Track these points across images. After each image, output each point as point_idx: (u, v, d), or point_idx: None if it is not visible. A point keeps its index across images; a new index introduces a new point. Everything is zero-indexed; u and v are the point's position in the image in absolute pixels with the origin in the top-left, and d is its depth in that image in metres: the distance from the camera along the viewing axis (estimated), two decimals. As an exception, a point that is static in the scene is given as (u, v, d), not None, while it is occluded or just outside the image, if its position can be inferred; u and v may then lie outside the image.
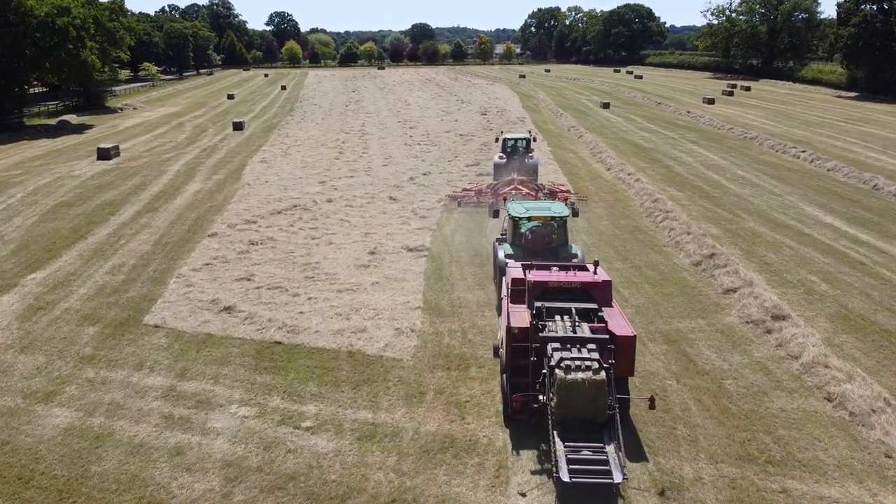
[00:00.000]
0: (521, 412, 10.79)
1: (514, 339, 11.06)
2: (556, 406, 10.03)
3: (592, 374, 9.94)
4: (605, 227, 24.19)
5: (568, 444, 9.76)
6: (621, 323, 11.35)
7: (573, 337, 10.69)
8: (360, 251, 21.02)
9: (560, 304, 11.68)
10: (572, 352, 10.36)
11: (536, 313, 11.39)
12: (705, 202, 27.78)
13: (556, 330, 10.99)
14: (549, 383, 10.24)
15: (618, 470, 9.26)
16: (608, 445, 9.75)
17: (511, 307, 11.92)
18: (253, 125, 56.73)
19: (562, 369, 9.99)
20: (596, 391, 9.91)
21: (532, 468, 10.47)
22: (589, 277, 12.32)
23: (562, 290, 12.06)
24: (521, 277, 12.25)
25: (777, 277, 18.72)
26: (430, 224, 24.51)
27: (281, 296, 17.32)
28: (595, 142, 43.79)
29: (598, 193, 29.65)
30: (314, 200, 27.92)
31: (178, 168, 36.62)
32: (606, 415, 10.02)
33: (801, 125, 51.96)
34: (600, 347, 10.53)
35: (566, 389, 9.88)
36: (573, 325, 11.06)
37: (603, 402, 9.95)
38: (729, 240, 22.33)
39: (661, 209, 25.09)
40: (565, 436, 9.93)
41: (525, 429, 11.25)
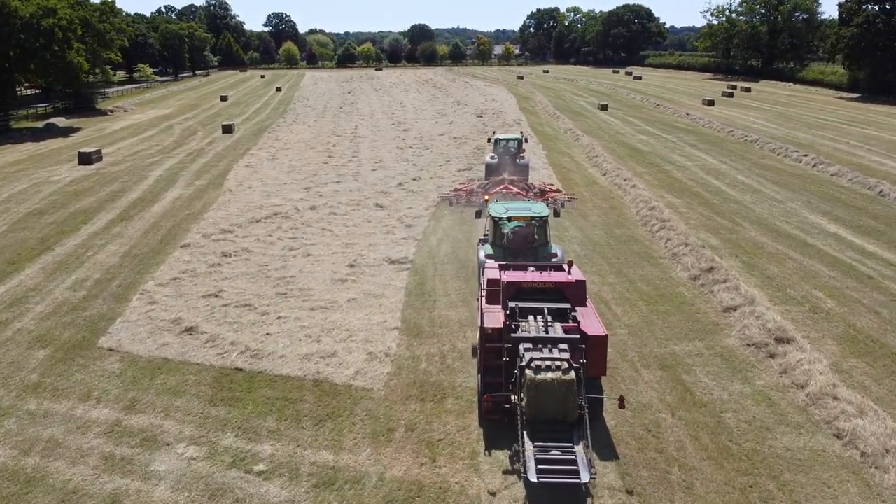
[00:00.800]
0: (493, 412, 10.81)
1: (488, 340, 11.09)
2: (526, 406, 10.05)
3: (562, 374, 9.96)
4: (599, 236, 23.04)
5: (538, 444, 9.76)
6: (593, 322, 11.40)
7: (544, 337, 10.70)
8: (339, 264, 19.87)
9: (534, 304, 11.74)
10: (543, 352, 10.37)
11: (510, 313, 11.46)
12: (704, 209, 26.63)
13: (528, 330, 11.00)
14: (519, 383, 10.27)
15: (585, 470, 9.26)
16: (577, 445, 9.74)
17: (486, 307, 11.90)
18: (243, 128, 55.61)
19: (532, 369, 10.03)
20: (565, 391, 9.92)
21: (503, 468, 10.40)
22: (562, 278, 12.40)
23: (536, 291, 12.17)
24: (496, 278, 12.25)
25: (780, 293, 17.56)
26: (416, 233, 23.37)
27: (248, 314, 16.17)
28: (591, 145, 42.65)
29: (593, 200, 28.50)
30: (297, 208, 26.78)
31: (160, 173, 35.48)
32: (576, 415, 10.04)
33: (802, 127, 50.82)
34: (572, 347, 10.56)
35: (535, 389, 9.93)
36: (545, 325, 11.08)
37: (572, 401, 9.98)
38: (729, 251, 21.18)
39: (657, 217, 23.95)
40: (535, 436, 9.92)
41: (498, 429, 11.12)
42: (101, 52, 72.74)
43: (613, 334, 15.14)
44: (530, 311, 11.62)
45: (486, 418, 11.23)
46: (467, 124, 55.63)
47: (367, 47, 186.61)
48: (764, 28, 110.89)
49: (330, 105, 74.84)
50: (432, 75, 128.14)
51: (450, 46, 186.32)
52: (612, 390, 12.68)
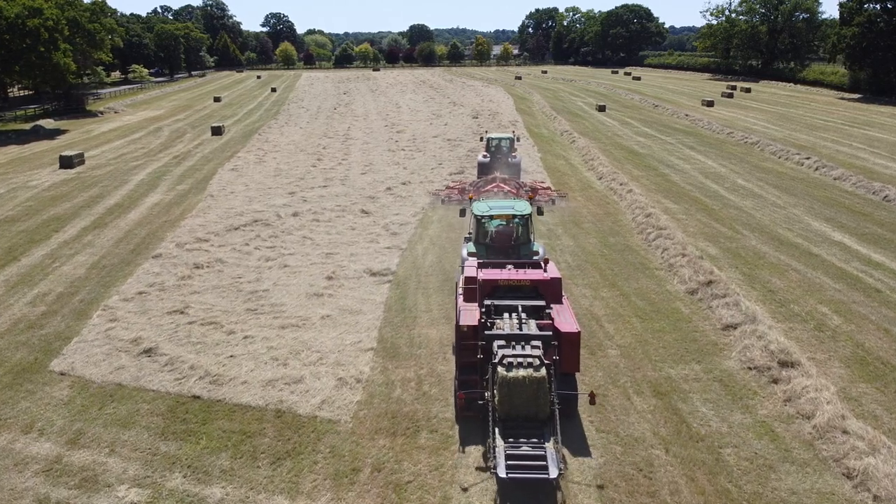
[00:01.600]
0: (467, 409, 10.78)
1: (463, 337, 11.16)
2: (498, 403, 10.08)
3: (533, 371, 9.97)
4: (593, 245, 21.97)
5: (509, 440, 9.84)
6: (568, 319, 11.45)
7: (517, 334, 10.69)
8: (316, 276, 18.80)
9: (510, 301, 11.79)
10: (516, 349, 10.38)
11: (485, 311, 11.50)
12: (703, 216, 25.57)
13: (503, 327, 11.03)
14: (491, 380, 10.28)
15: (554, 466, 9.37)
16: (547, 442, 9.81)
17: (463, 305, 12.00)
18: (233, 129, 54.55)
19: (503, 366, 10.04)
20: (536, 388, 9.95)
21: (477, 465, 10.41)
22: (538, 275, 12.40)
23: (512, 288, 12.22)
24: (473, 276, 12.32)
25: (783, 309, 16.50)
26: (401, 242, 22.30)
27: (214, 333, 15.11)
28: (588, 147, 41.60)
29: (587, 206, 27.44)
30: (278, 214, 25.71)
31: (142, 177, 34.42)
32: (548, 411, 10.08)
33: (803, 129, 49.76)
34: (545, 344, 10.59)
35: (507, 386, 9.96)
36: (519, 322, 11.13)
37: (544, 398, 10.02)
38: (728, 261, 20.12)
39: (654, 225, 22.88)
40: (508, 432, 9.99)
41: (474, 426, 11.11)
42: (92, 52, 71.74)
43: (604, 356, 14.09)
44: (506, 309, 11.63)
45: (462, 415, 11.22)
46: (462, 126, 54.58)
47: (364, 47, 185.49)
48: (764, 28, 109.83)
49: (324, 106, 73.80)
50: (429, 76, 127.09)
51: (448, 47, 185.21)
52: (603, 421, 11.64)
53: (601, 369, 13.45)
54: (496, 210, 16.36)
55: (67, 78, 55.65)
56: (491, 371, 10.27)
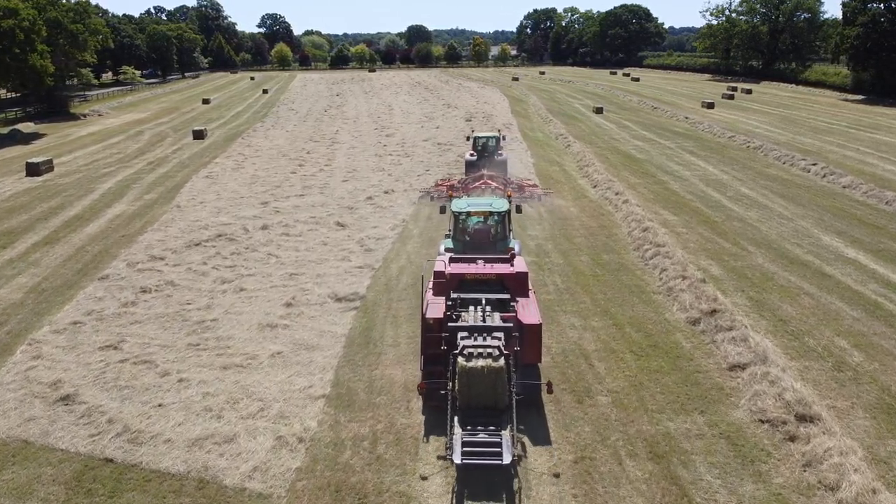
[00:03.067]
0: (430, 399, 11.10)
1: (428, 329, 11.36)
2: (458, 392, 10.30)
3: (492, 362, 10.16)
4: (585, 263, 20.06)
5: (468, 428, 10.01)
6: (531, 312, 11.77)
7: (479, 326, 10.97)
8: (274, 302, 16.89)
9: (476, 294, 12.07)
10: (478, 340, 10.58)
11: (451, 304, 11.71)
12: (705, 229, 23.67)
13: (467, 320, 11.29)
14: (452, 371, 10.41)
15: (508, 452, 9.60)
16: (504, 430, 9.99)
17: (431, 299, 12.12)
18: (217, 133, 52.66)
19: (464, 357, 10.25)
20: (495, 378, 10.15)
21: (438, 453, 10.42)
22: (504, 269, 12.72)
23: (479, 282, 12.55)
24: (441, 270, 12.56)
25: (797, 343, 14.59)
26: (376, 260, 20.39)
27: (146, 375, 13.19)
28: (583, 152, 39.70)
29: (580, 218, 25.54)
30: (245, 228, 23.80)
31: (110, 185, 32.51)
32: (506, 401, 10.26)
33: (808, 132, 47.88)
34: (507, 335, 10.85)
35: (466, 376, 10.17)
36: (483, 314, 11.43)
37: (502, 388, 10.23)
38: (734, 283, 18.21)
39: (651, 241, 20.97)
40: (468, 421, 10.15)
41: (438, 416, 11.06)
42: (76, 54, 69.86)
43: (593, 404, 12.18)
44: (471, 302, 11.89)
45: (429, 405, 11.44)
46: (454, 129, 52.71)
47: (360, 48, 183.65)
48: (765, 28, 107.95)
49: (314, 108, 71.94)
50: (426, 77, 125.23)
51: (445, 47, 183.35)
52: (588, 494, 9.73)
53: (589, 422, 11.55)
54: (474, 207, 16.63)
55: (45, 80, 53.70)
56: (452, 361, 10.41)
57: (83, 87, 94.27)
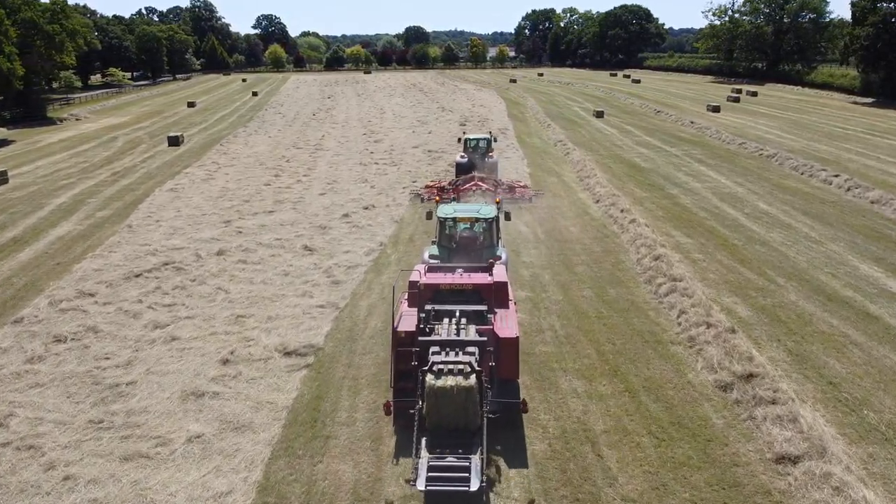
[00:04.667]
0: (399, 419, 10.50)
1: (400, 343, 10.70)
2: (426, 413, 9.67)
3: (462, 380, 9.51)
4: (588, 301, 17.07)
5: (436, 451, 9.40)
6: (509, 325, 11.17)
7: (451, 340, 10.33)
8: (209, 357, 13.88)
9: (451, 306, 11.46)
10: (449, 355, 9.92)
11: (425, 316, 11.03)
12: (724, 255, 20.69)
13: (441, 333, 10.68)
14: (421, 389, 9.76)
15: (477, 478, 8.99)
16: (474, 454, 9.34)
17: (405, 310, 11.60)
18: (195, 139, 49.65)
19: (433, 374, 9.62)
20: (465, 397, 9.50)
21: (406, 477, 9.59)
22: (481, 279, 12.07)
23: (456, 293, 11.87)
24: (415, 280, 11.90)
25: (854, 418, 11.59)
26: (342, 296, 17.40)
27: (27, 467, 10.14)
28: (584, 161, 36.73)
29: (582, 239, 22.56)
30: (198, 254, 20.78)
31: (63, 201, 29.49)
32: (478, 422, 9.62)
33: (822, 138, 44.94)
34: (481, 350, 10.19)
35: (434, 396, 9.52)
36: (457, 327, 10.84)
37: (473, 409, 9.58)
38: (766, 329, 15.23)
39: (665, 273, 17.96)
40: (436, 443, 9.54)
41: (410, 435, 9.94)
42: (54, 55, 66.87)
43: (602, 518, 9.19)
44: (446, 314, 11.29)
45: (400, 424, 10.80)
46: (447, 135, 49.76)
47: (356, 49, 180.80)
48: (769, 28, 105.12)
49: (303, 112, 68.98)
50: (421, 79, 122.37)
51: (442, 49, 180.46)
52: None
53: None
54: (461, 213, 16.07)
55: (14, 83, 50.63)
56: (420, 379, 9.84)
57: (66, 89, 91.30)
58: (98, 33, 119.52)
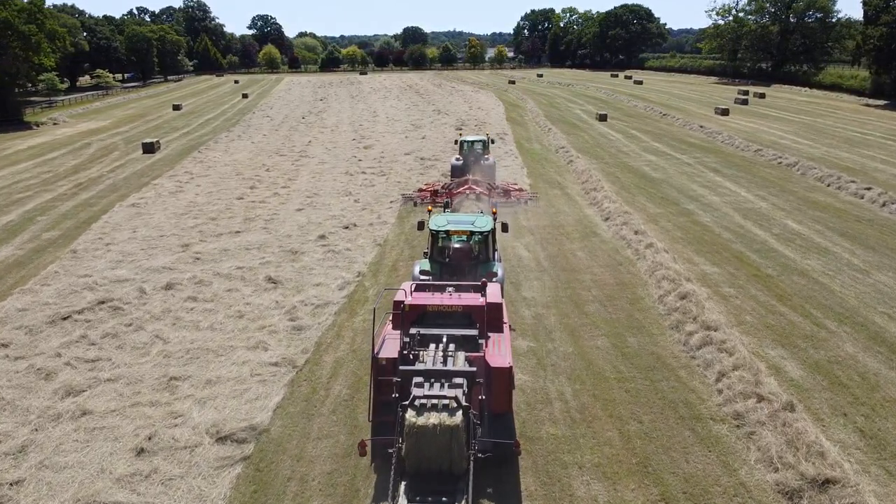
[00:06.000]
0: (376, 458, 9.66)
1: (380, 371, 9.70)
2: (405, 454, 8.67)
3: (447, 417, 8.51)
4: (603, 354, 14.04)
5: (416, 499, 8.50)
6: (501, 352, 10.16)
7: (435, 370, 9.29)
8: (122, 443, 10.82)
9: (438, 329, 10.41)
10: (434, 388, 8.97)
11: (409, 340, 10.06)
12: (759, 289, 17.67)
13: (426, 360, 9.68)
14: (399, 426, 8.77)
15: None
16: (459, 502, 8.42)
17: (388, 333, 10.69)
18: (173, 145, 46.60)
19: (414, 409, 8.61)
20: (449, 437, 8.50)
21: None
22: (471, 301, 11.00)
23: (444, 314, 10.82)
24: (401, 300, 10.92)
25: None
26: (304, 348, 14.34)
27: None
28: (589, 170, 33.74)
29: (592, 268, 19.53)
30: (142, 289, 17.72)
31: (11, 218, 26.41)
32: (464, 465, 8.65)
33: (841, 144, 41.97)
34: (470, 382, 9.19)
35: (415, 435, 8.51)
36: (444, 354, 9.83)
37: (458, 450, 8.61)
38: (828, 397, 12.19)
39: (695, 317, 14.92)
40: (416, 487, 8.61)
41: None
42: (32, 57, 63.73)
43: None
44: (433, 339, 10.23)
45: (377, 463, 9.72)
46: (442, 140, 46.80)
47: (352, 50, 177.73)
48: (775, 28, 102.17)
49: (292, 115, 65.96)
50: (418, 80, 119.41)
51: (440, 49, 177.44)
52: None
53: None
54: (454, 225, 15.16)
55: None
56: (400, 414, 8.71)
57: (49, 92, 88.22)
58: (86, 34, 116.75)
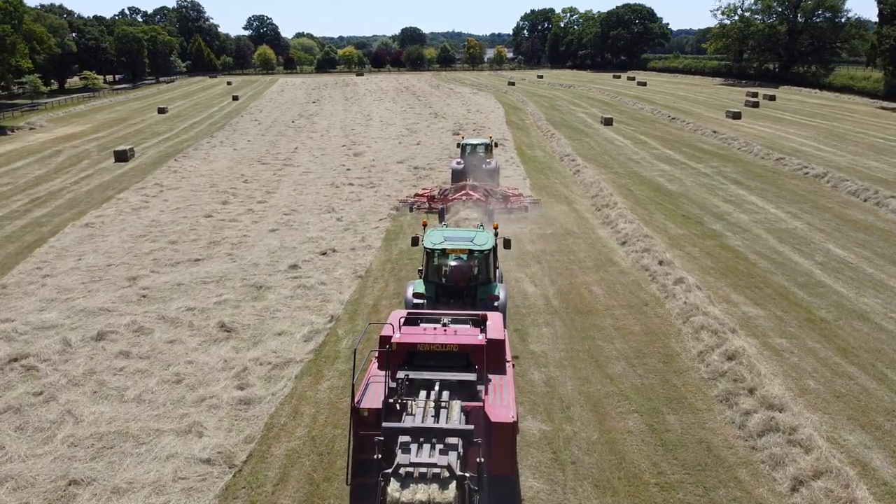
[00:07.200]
0: None
1: (362, 425, 8.15)
2: None
3: (438, 491, 6.85)
4: (637, 443, 10.86)
5: None
6: (503, 401, 8.65)
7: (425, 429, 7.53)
8: None
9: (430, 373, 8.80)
10: (423, 451, 7.28)
11: (396, 386, 8.48)
12: (816, 340, 14.51)
13: (414, 413, 7.98)
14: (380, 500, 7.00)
15: None
16: None
17: (372, 376, 9.12)
18: (149, 152, 43.44)
19: (398, 479, 6.94)
20: None
21: None
22: (470, 339, 9.21)
23: (437, 354, 9.15)
24: (388, 335, 9.36)
25: None
26: (248, 434, 11.11)
27: None
28: (598, 182, 30.64)
29: (612, 310, 16.38)
30: (68, 341, 14.55)
31: (-55, 240, 23.33)
32: None
33: (867, 152, 38.90)
34: (466, 442, 7.52)
35: None
36: (437, 405, 8.10)
37: None
38: (942, 512, 9.11)
39: (751, 390, 11.73)
40: None
41: None
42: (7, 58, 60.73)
43: None
44: (424, 384, 8.63)
45: None
46: (438, 146, 43.71)
47: (348, 51, 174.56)
48: (783, 28, 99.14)
49: (282, 118, 62.84)
50: (415, 81, 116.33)
51: (438, 50, 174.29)
52: None
53: None
54: (451, 243, 13.79)
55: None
56: (381, 486, 6.95)
57: (32, 95, 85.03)
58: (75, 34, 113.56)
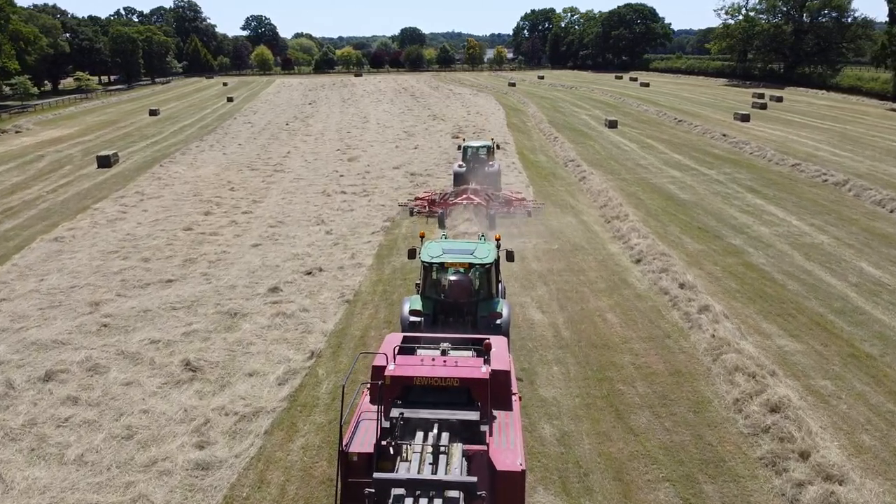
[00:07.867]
0: None
1: (351, 471, 7.17)
2: None
3: None
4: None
5: None
6: (510, 444, 7.46)
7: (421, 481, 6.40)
8: None
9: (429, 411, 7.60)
10: None
11: (390, 426, 7.46)
12: (864, 382, 12.65)
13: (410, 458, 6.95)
14: None
15: None
16: None
17: (364, 413, 7.95)
18: (135, 157, 41.60)
19: None
20: None
21: None
22: (472, 371, 7.93)
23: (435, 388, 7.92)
24: (382, 366, 8.10)
25: None
26: None
27: None
28: (606, 190, 28.80)
29: (630, 343, 14.51)
30: (10, 382, 12.65)
31: None
32: None
33: (885, 157, 37.07)
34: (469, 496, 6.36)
35: None
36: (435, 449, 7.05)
37: None
38: None
39: (802, 454, 9.89)
40: None
41: None
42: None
43: None
44: (421, 424, 7.48)
45: None
46: (437, 150, 41.88)
47: (347, 51, 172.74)
48: (788, 28, 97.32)
49: (276, 121, 61.00)
50: (414, 82, 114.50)
51: (437, 50, 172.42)
52: None
53: None
54: (450, 256, 12.91)
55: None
56: None
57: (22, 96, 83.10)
58: (68, 35, 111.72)
